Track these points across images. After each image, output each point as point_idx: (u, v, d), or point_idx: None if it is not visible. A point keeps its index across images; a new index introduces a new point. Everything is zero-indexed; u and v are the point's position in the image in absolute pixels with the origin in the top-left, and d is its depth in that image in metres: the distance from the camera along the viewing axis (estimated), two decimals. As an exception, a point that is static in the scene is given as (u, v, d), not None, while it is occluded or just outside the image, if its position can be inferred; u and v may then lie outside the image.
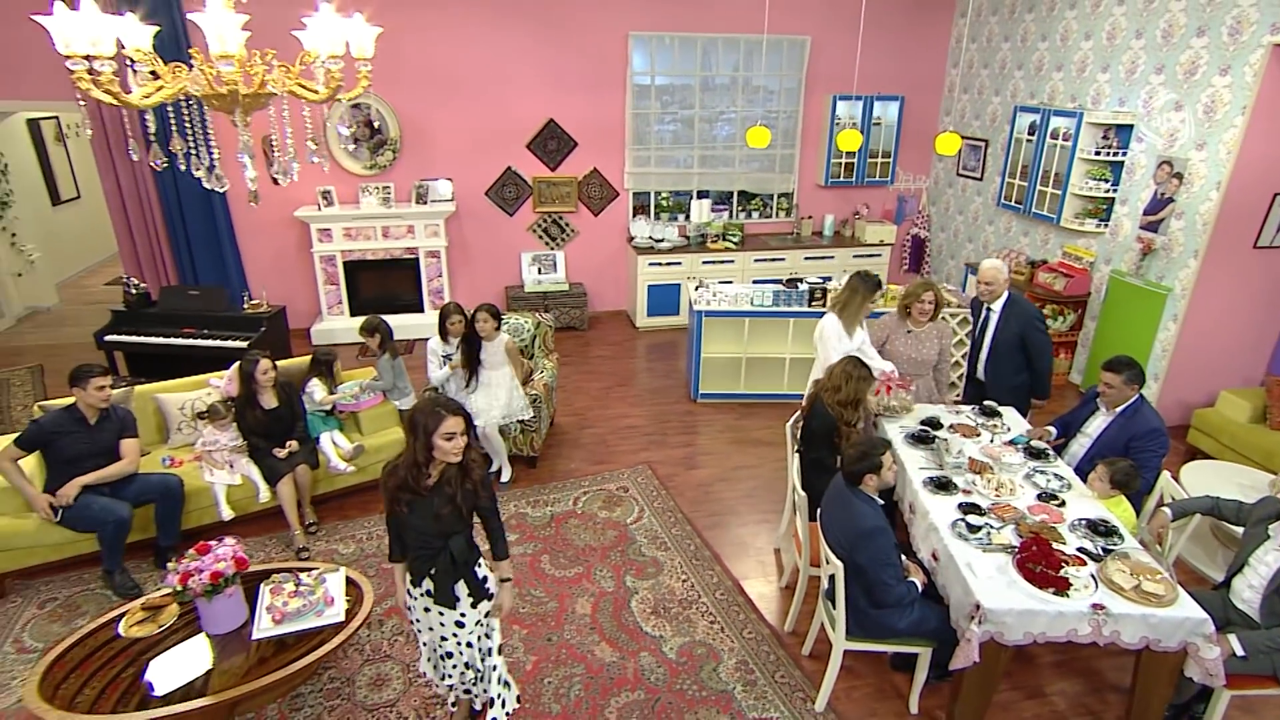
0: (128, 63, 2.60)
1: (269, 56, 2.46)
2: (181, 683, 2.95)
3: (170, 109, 2.81)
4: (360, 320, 7.04)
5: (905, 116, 7.76)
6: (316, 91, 2.54)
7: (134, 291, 5.85)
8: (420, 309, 7.43)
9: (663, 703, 3.30)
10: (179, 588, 3.09)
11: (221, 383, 4.69)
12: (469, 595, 2.70)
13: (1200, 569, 4.16)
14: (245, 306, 5.89)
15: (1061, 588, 2.92)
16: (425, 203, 7.11)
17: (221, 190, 2.86)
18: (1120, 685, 3.46)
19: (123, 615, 3.29)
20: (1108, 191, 5.91)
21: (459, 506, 2.54)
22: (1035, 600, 2.88)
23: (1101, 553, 3.14)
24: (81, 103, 6.24)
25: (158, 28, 2.48)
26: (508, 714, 2.94)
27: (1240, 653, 2.93)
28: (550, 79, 7.12)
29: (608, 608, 3.85)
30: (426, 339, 5.21)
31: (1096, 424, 3.93)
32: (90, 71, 2.32)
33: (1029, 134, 6.55)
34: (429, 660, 2.93)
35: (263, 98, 2.47)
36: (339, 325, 7.26)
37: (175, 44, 6.00)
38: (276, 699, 3.33)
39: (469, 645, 2.76)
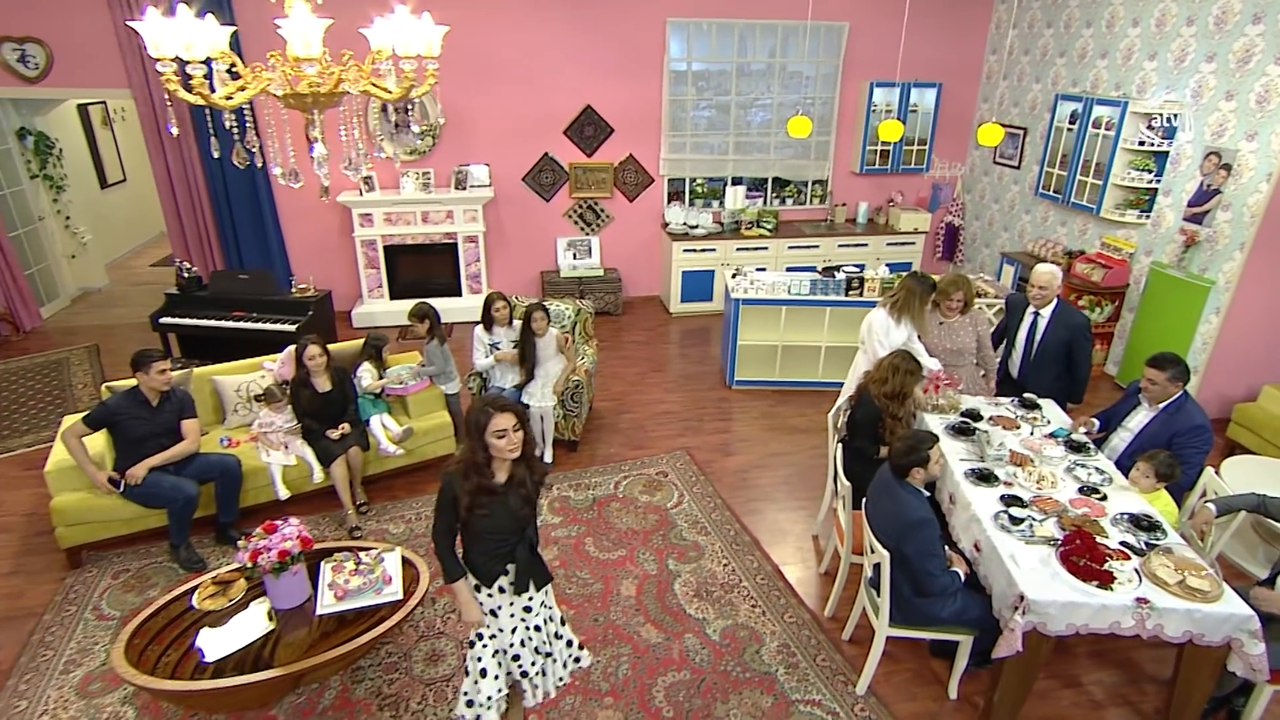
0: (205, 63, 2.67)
1: (346, 57, 2.53)
2: (229, 651, 3.08)
3: (247, 108, 2.89)
4: (401, 304, 7.21)
5: (942, 103, 7.67)
6: (389, 90, 2.59)
7: (186, 275, 6.00)
8: (458, 293, 7.53)
9: (708, 683, 3.40)
10: (248, 564, 3.22)
11: (275, 366, 4.83)
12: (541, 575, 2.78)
13: (1241, 565, 4.16)
14: (293, 290, 6.00)
15: (1106, 581, 2.95)
16: (464, 188, 7.17)
17: (296, 186, 2.93)
18: (1158, 676, 3.50)
19: (195, 588, 3.45)
20: (1151, 182, 5.83)
21: (532, 500, 2.61)
22: (1079, 593, 2.92)
23: (1145, 547, 3.17)
24: (131, 91, 6.38)
25: (234, 28, 2.55)
26: (585, 667, 3.01)
27: None
28: (588, 65, 7.12)
29: (652, 590, 3.95)
30: (469, 323, 5.32)
31: (1138, 419, 3.92)
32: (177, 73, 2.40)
33: (1070, 123, 6.46)
34: (492, 676, 2.76)
35: (336, 96, 2.54)
36: (379, 308, 7.38)
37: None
38: (338, 671, 3.46)
39: (538, 629, 2.82)
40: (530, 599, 2.76)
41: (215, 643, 3.13)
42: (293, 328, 5.72)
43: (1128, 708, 3.36)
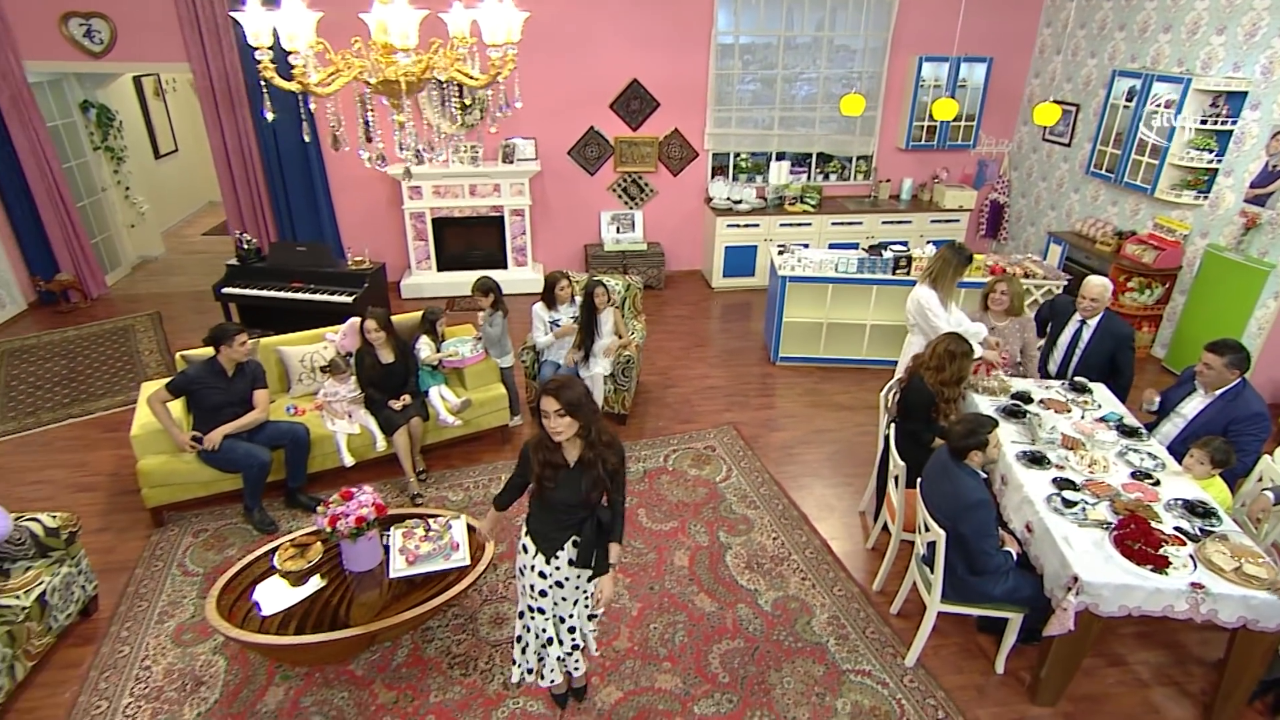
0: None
1: (434, 45, 2.58)
2: (283, 607, 3.25)
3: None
4: (448, 276, 7.33)
5: (992, 78, 7.50)
6: (475, 77, 2.65)
7: (245, 246, 6.14)
8: (504, 265, 7.62)
9: (761, 651, 3.52)
10: (327, 529, 3.38)
11: (337, 337, 4.96)
12: (601, 561, 2.89)
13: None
14: (348, 263, 6.12)
15: (1160, 565, 2.99)
16: (511, 162, 7.21)
17: (381, 169, 3.01)
18: (1204, 658, 3.55)
19: (276, 549, 3.63)
20: (1211, 162, 5.69)
21: (601, 484, 2.70)
22: (1133, 576, 2.97)
23: (1199, 533, 3.19)
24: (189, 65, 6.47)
25: (320, 14, 2.60)
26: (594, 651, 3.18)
27: None
28: (635, 39, 7.07)
29: (704, 561, 4.07)
30: (512, 296, 5.42)
31: (1193, 405, 3.91)
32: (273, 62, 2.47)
33: (1126, 100, 6.30)
34: (534, 651, 2.99)
35: (424, 82, 2.59)
36: (426, 280, 7.50)
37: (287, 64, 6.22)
38: (409, 630, 3.63)
39: (585, 605, 2.94)
40: (579, 577, 2.87)
41: (270, 598, 3.30)
42: (350, 299, 5.85)
43: (1173, 688, 3.41)
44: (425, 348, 4.89)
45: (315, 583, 3.41)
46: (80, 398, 5.61)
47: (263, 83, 2.59)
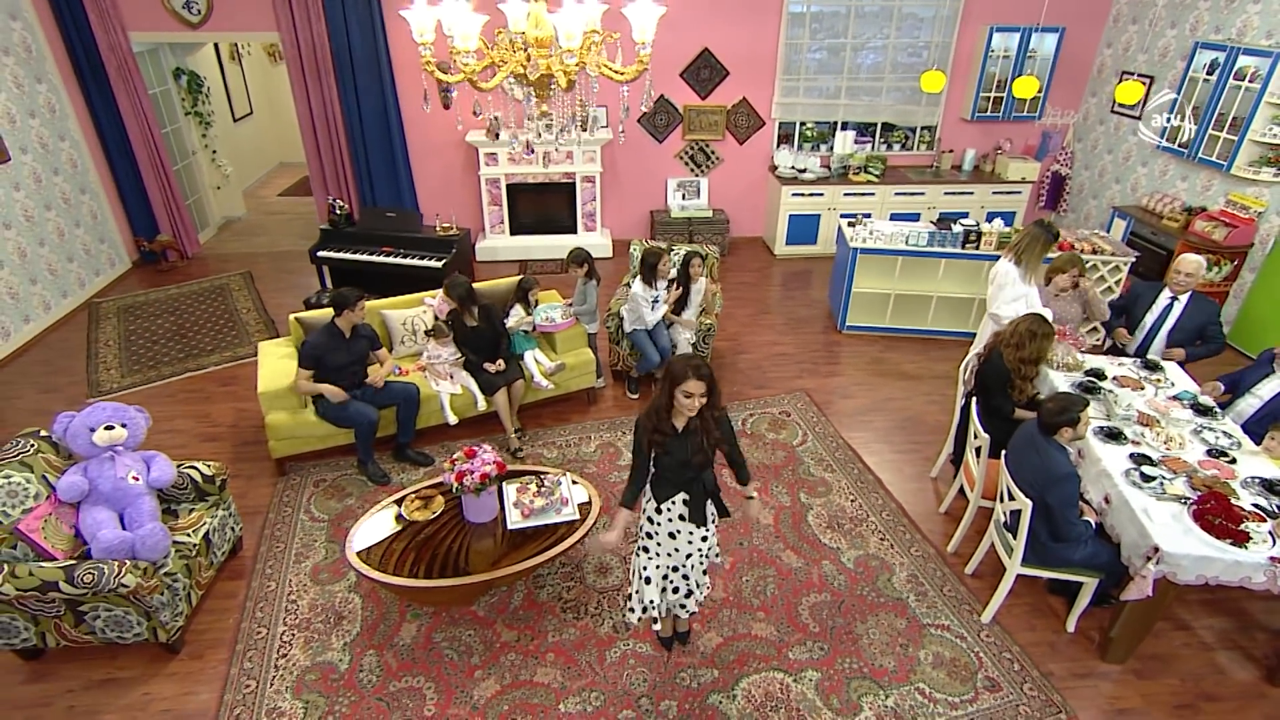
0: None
1: (587, 43, 2.70)
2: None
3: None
4: (520, 240, 7.50)
5: (1062, 49, 7.33)
6: (622, 73, 2.77)
7: (338, 212, 6.36)
8: (574, 230, 7.76)
9: (847, 604, 3.75)
10: (455, 484, 3.64)
11: (435, 301, 5.19)
12: (713, 516, 3.12)
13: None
14: (436, 229, 6.31)
15: (1241, 540, 3.13)
16: (586, 130, 7.26)
17: (528, 155, 3.17)
18: (1268, 625, 3.71)
19: (402, 499, 3.92)
20: (1290, 139, 5.59)
21: (706, 450, 2.90)
22: (1213, 549, 3.11)
23: (1277, 511, 3.32)
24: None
25: (486, 18, 2.72)
26: (701, 600, 3.36)
27: None
28: (708, 8, 7.03)
29: (788, 520, 4.29)
30: None
31: (1270, 387, 3.99)
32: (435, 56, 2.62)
33: (1207, 73, 6.15)
34: (656, 585, 3.16)
35: (571, 79, 2.73)
36: (500, 244, 7.68)
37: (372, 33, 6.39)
38: (523, 578, 3.92)
39: (700, 559, 3.17)
40: (706, 531, 3.09)
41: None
42: (439, 264, 6.06)
43: (1238, 652, 3.58)
44: (514, 315, 5.08)
45: (393, 526, 3.69)
46: (194, 353, 5.94)
47: (424, 75, 2.74)
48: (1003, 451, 3.62)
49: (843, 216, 6.39)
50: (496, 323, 4.97)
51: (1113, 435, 3.79)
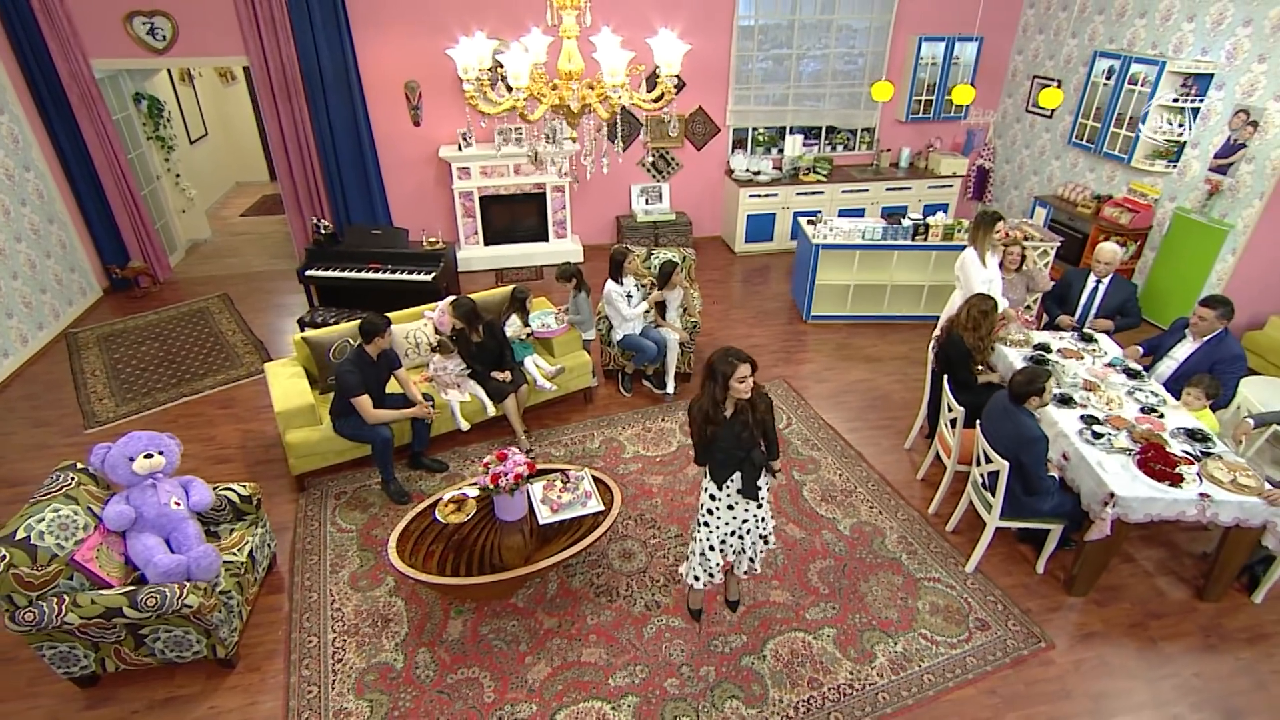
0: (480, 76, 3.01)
1: (630, 76, 2.89)
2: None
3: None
4: (494, 250, 7.57)
5: (981, 55, 7.88)
6: (646, 100, 2.97)
7: (323, 231, 6.30)
8: (545, 239, 7.87)
9: (849, 567, 4.08)
10: (490, 485, 3.78)
11: (435, 314, 5.26)
12: (766, 489, 3.38)
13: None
14: (423, 243, 6.33)
15: (1176, 481, 3.60)
16: (554, 142, 7.39)
17: (551, 167, 3.33)
18: (1192, 552, 4.23)
19: (435, 504, 4.02)
20: (1180, 135, 6.24)
21: (753, 431, 3.15)
22: (1156, 491, 3.57)
23: (1200, 455, 3.81)
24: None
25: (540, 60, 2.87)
26: (769, 549, 3.65)
27: None
28: (664, 22, 7.21)
29: (786, 496, 4.59)
30: (553, 266, 5.71)
31: (1184, 350, 4.52)
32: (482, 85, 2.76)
33: (1106, 78, 6.77)
34: (718, 550, 3.46)
35: (614, 109, 2.92)
36: (475, 254, 7.72)
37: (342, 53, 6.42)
38: (554, 569, 4.08)
39: (755, 525, 3.43)
40: (760, 503, 3.37)
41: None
42: (428, 278, 6.09)
43: (1172, 576, 4.09)
44: (512, 325, 5.20)
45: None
46: (186, 377, 5.81)
47: (467, 107, 2.88)
48: (977, 421, 4.01)
49: (803, 215, 6.74)
50: (500, 336, 5.06)
51: (1064, 400, 4.23)
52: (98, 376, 5.80)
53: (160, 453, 3.53)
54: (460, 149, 7.24)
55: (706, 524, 3.41)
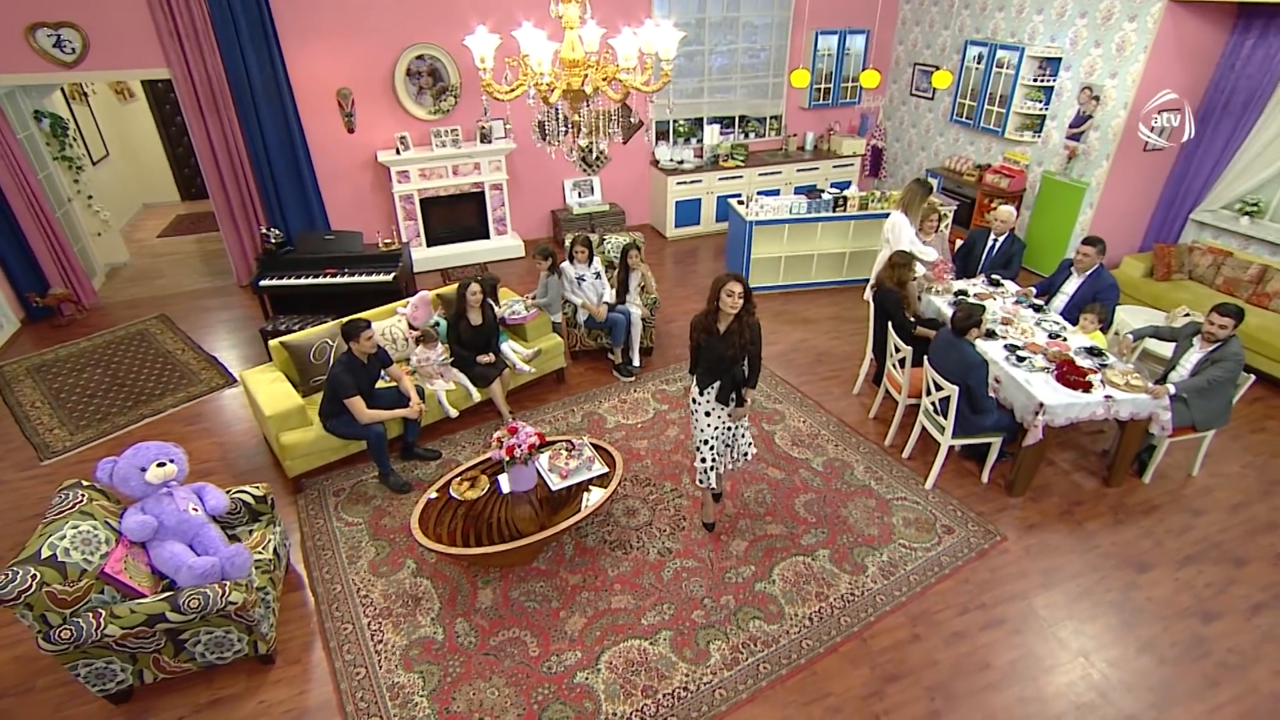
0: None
1: (634, 66, 3.05)
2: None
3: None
4: (437, 250, 7.51)
5: (870, 46, 8.55)
6: (646, 86, 3.15)
7: (273, 241, 6.04)
8: (486, 236, 7.85)
9: (829, 497, 4.45)
10: (506, 458, 3.86)
11: (406, 310, 5.22)
12: (734, 401, 3.72)
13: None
14: (379, 245, 6.19)
15: (1087, 389, 4.20)
16: (489, 142, 7.40)
17: (551, 151, 3.45)
18: (1094, 450, 4.90)
19: (449, 483, 4.05)
20: (1041, 110, 7.07)
21: (738, 351, 3.46)
22: (1074, 398, 4.14)
23: (1098, 367, 4.44)
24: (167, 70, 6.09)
25: (557, 45, 2.98)
26: (751, 454, 4.02)
27: (1172, 391, 4.29)
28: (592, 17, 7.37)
29: (761, 444, 4.92)
30: (499, 262, 5.78)
31: (1071, 284, 5.20)
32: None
33: (977, 63, 7.55)
34: (711, 446, 3.84)
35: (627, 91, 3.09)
36: (419, 255, 7.58)
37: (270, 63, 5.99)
38: (568, 531, 4.20)
39: (737, 439, 3.86)
40: (720, 416, 3.76)
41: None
42: (389, 277, 5.97)
43: (1084, 471, 4.73)
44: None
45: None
46: (142, 399, 5.44)
47: (485, 96, 2.97)
48: (924, 357, 4.48)
49: (730, 197, 7.09)
50: (492, 319, 5.07)
51: (990, 334, 4.79)
52: (40, 408, 5.32)
53: (171, 460, 3.39)
54: (399, 153, 7.10)
55: (696, 424, 3.82)
